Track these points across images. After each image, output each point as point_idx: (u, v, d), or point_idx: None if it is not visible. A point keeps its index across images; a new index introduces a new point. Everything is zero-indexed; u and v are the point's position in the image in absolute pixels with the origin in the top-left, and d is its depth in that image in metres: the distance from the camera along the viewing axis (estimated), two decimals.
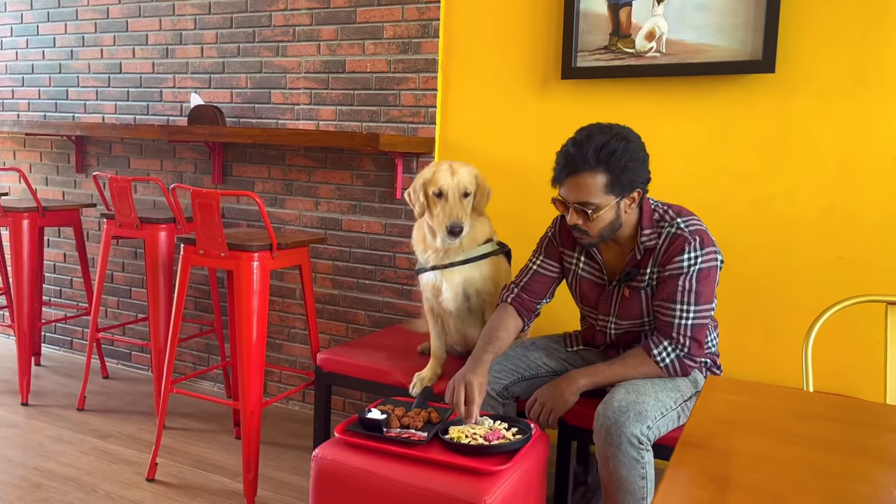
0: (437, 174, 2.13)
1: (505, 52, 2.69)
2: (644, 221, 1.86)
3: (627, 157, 1.75)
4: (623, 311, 1.95)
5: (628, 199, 1.82)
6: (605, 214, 1.80)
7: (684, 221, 1.83)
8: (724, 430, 0.95)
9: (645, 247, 1.86)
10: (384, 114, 2.93)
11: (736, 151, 2.36)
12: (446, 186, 2.11)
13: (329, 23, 3.01)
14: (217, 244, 2.35)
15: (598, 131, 1.78)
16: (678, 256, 1.80)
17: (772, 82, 2.28)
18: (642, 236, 1.86)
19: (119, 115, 3.61)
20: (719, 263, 1.85)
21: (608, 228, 1.84)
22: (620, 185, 1.77)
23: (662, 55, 2.41)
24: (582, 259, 2.02)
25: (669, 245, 1.82)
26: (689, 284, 1.79)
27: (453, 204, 2.10)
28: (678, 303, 1.81)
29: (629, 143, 1.77)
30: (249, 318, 2.33)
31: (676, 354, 1.83)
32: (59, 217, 3.35)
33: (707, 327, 1.85)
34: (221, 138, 2.90)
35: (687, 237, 1.80)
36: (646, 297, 1.89)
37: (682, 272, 1.80)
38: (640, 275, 1.89)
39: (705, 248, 1.80)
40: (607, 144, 1.74)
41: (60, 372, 3.67)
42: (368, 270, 3.03)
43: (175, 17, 3.38)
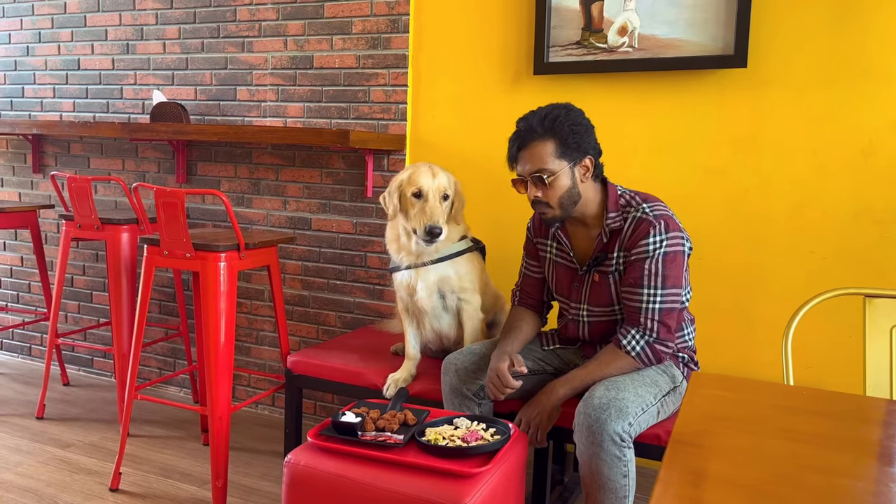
0: (415, 175, 2.09)
1: (476, 48, 2.65)
2: (609, 205, 1.88)
3: (570, 121, 1.82)
4: (594, 297, 1.94)
5: (581, 168, 1.86)
6: (560, 181, 1.83)
7: (650, 206, 1.84)
8: (713, 427, 0.93)
9: (610, 229, 1.88)
10: (353, 110, 2.87)
11: (709, 146, 2.36)
12: (426, 187, 2.07)
13: (296, 18, 2.94)
14: (182, 244, 2.27)
15: (541, 107, 1.89)
16: (643, 240, 1.80)
17: (744, 77, 2.28)
18: (608, 219, 1.88)
19: (78, 113, 3.50)
20: (687, 249, 1.85)
21: (567, 197, 1.86)
22: (569, 149, 1.82)
23: (635, 50, 2.40)
24: (554, 246, 2.03)
25: (635, 229, 1.83)
26: (655, 268, 1.80)
27: (433, 205, 2.06)
28: (644, 287, 1.81)
29: (570, 111, 1.85)
30: (217, 321, 2.26)
31: (646, 340, 1.82)
32: (15, 219, 3.22)
33: (676, 312, 1.84)
34: (186, 136, 2.82)
35: (652, 221, 1.81)
36: (614, 282, 1.90)
37: (647, 256, 1.80)
38: (607, 259, 1.89)
39: (670, 231, 1.80)
40: (550, 113, 1.84)
41: (18, 380, 3.54)
42: (339, 270, 2.97)
43: (136, 11, 3.28)
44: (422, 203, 2.06)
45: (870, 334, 1.47)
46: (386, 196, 2.14)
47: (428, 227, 2.03)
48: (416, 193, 2.07)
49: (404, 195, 2.08)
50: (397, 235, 2.18)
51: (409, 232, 2.13)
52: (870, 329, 1.47)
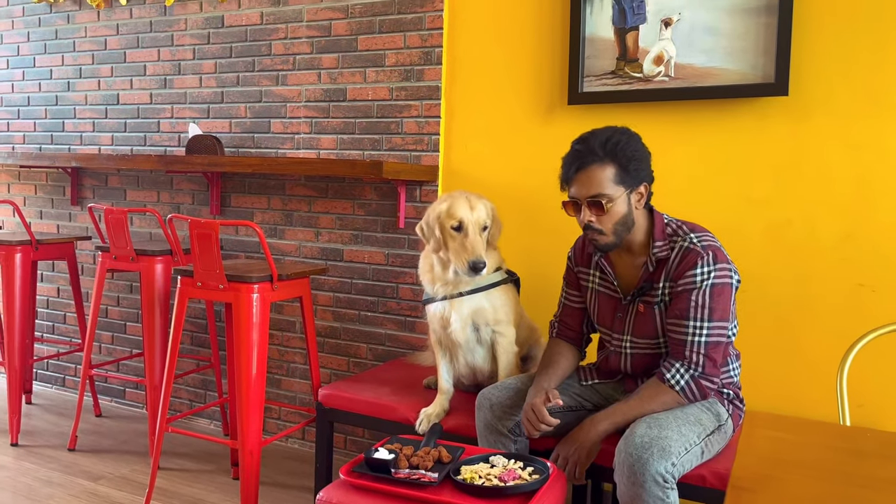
0: (454, 207, 2.05)
1: (510, 78, 2.64)
2: (656, 233, 1.84)
3: (632, 148, 1.79)
4: (638, 329, 1.89)
5: (636, 194, 1.83)
6: (617, 207, 1.79)
7: (697, 237, 1.79)
8: (775, 472, 0.87)
9: (657, 258, 1.83)
10: (386, 142, 2.87)
11: (750, 176, 2.30)
12: (466, 220, 2.04)
13: (330, 51, 2.96)
14: (216, 276, 2.27)
15: (600, 129, 1.84)
16: (690, 271, 1.75)
17: (785, 105, 2.22)
18: (654, 247, 1.83)
19: (116, 147, 3.56)
20: (735, 282, 1.80)
21: (622, 224, 1.81)
22: (629, 175, 1.78)
23: (671, 79, 2.36)
24: (597, 275, 1.98)
25: (682, 259, 1.78)
26: (702, 300, 1.74)
27: (474, 239, 2.03)
28: (690, 319, 1.75)
29: (631, 137, 1.82)
30: (249, 353, 2.24)
31: (691, 375, 1.76)
32: (53, 250, 3.26)
33: (723, 346, 1.78)
34: (220, 168, 2.84)
35: (700, 251, 1.76)
36: (659, 313, 1.84)
37: (694, 287, 1.75)
38: (653, 289, 1.84)
39: (718, 263, 1.75)
40: (612, 137, 1.79)
41: (52, 410, 3.55)
42: (370, 302, 2.95)
43: (174, 47, 3.34)
44: (462, 237, 2.03)
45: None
46: (424, 227, 2.11)
47: (471, 262, 2.00)
48: (455, 227, 2.04)
49: (444, 228, 2.05)
50: (431, 266, 2.14)
51: (445, 263, 2.09)
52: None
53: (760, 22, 2.22)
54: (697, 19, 2.31)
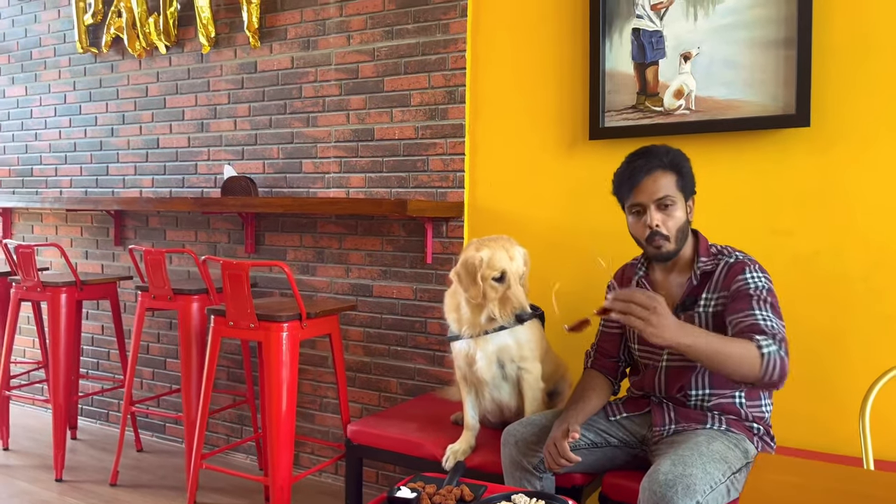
0: (494, 259, 2.06)
1: (532, 115, 2.68)
2: (701, 250, 1.94)
3: (686, 160, 1.93)
4: None
5: (691, 203, 1.94)
6: (679, 212, 1.89)
7: (742, 254, 1.91)
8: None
9: (702, 271, 1.91)
10: (413, 179, 2.93)
11: (774, 208, 2.28)
12: (508, 272, 2.06)
13: (357, 93, 3.05)
14: (247, 315, 2.34)
15: (655, 145, 1.95)
16: (740, 276, 1.84)
17: (807, 136, 2.21)
18: (699, 261, 1.92)
19: (156, 189, 3.69)
20: None
21: (682, 231, 1.90)
22: (687, 184, 1.91)
23: (692, 112, 2.37)
24: None
25: (728, 270, 1.87)
26: (761, 294, 1.79)
27: (516, 290, 2.06)
28: (756, 309, 1.76)
29: (681, 152, 1.94)
30: (279, 390, 2.29)
31: (777, 349, 1.67)
32: (97, 290, 3.39)
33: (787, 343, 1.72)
34: (252, 209, 2.93)
35: (746, 262, 1.87)
36: (698, 321, 1.87)
37: (749, 284, 1.82)
38: (696, 303, 1.89)
39: (765, 272, 1.85)
40: (670, 150, 1.92)
41: (96, 445, 3.66)
42: (400, 337, 2.99)
43: (210, 92, 3.47)
44: (504, 288, 2.05)
45: None
46: (461, 274, 2.10)
47: (517, 315, 2.03)
48: (497, 278, 2.06)
49: (484, 278, 2.06)
50: (457, 305, 2.17)
51: (476, 307, 2.11)
52: None
53: (780, 54, 2.22)
54: (717, 53, 2.33)
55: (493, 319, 2.08)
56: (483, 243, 2.11)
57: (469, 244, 2.15)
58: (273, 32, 3.26)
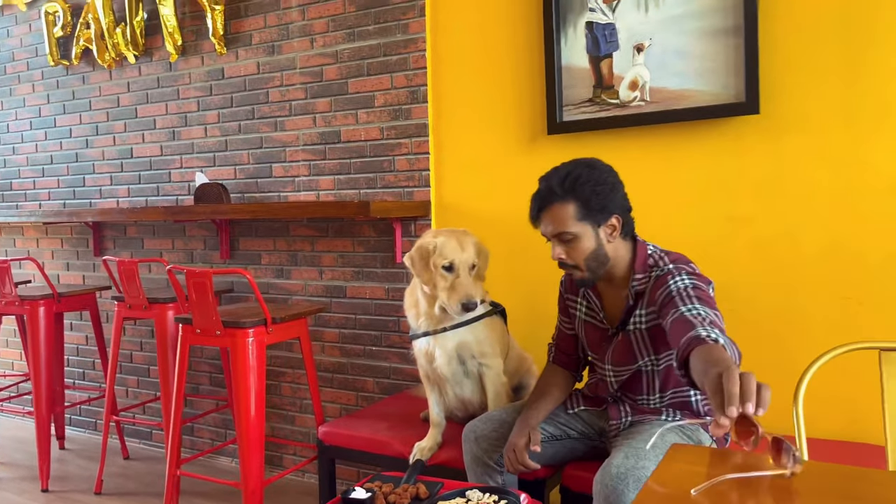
0: (444, 247, 2.08)
1: (493, 111, 2.69)
2: (637, 265, 1.82)
3: (593, 182, 1.75)
4: (616, 357, 1.90)
5: (607, 227, 1.79)
6: (584, 243, 1.78)
7: (674, 265, 1.76)
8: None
9: (636, 291, 1.82)
10: (380, 180, 2.95)
11: (730, 195, 2.30)
12: (457, 262, 2.07)
13: (322, 95, 3.06)
14: (212, 322, 2.36)
15: (564, 164, 1.83)
16: (662, 287, 1.72)
17: (759, 123, 2.23)
18: (633, 280, 1.82)
19: (132, 199, 3.72)
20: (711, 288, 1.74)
21: (593, 259, 1.79)
22: (592, 210, 1.76)
23: (647, 103, 2.39)
24: (584, 304, 1.99)
25: (655, 284, 1.76)
26: (685, 294, 1.65)
27: (465, 280, 2.07)
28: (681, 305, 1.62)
29: (594, 170, 1.78)
30: (247, 396, 2.32)
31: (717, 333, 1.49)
32: (76, 302, 3.42)
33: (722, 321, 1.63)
34: (222, 215, 2.95)
35: (671, 270, 1.74)
36: (635, 339, 1.85)
37: (671, 289, 1.69)
38: (634, 318, 1.85)
39: (693, 276, 1.72)
40: (571, 172, 1.77)
41: (84, 455, 3.69)
42: (374, 336, 3.01)
43: (180, 100, 3.49)
44: (453, 277, 2.07)
45: (888, 391, 1.38)
46: (414, 259, 2.12)
47: (464, 303, 2.04)
48: (446, 266, 2.08)
49: (435, 267, 2.09)
50: (416, 301, 2.20)
51: (431, 298, 2.14)
52: (888, 385, 1.38)
53: (729, 43, 2.24)
54: (668, 43, 2.34)
55: (446, 311, 2.10)
56: (439, 232, 2.14)
57: (426, 232, 2.18)
58: (238, 38, 3.27)
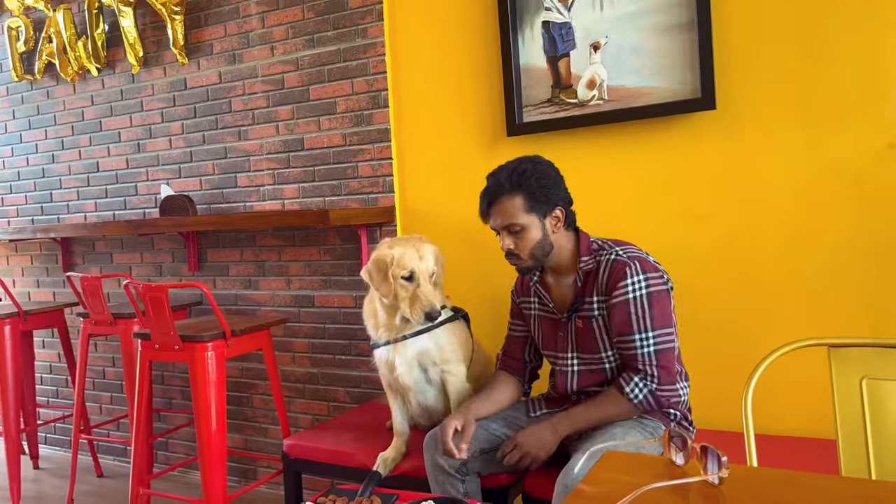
0: (403, 258, 2.05)
1: (454, 115, 2.66)
2: (582, 249, 1.91)
3: (538, 175, 1.86)
4: (581, 344, 1.93)
5: (552, 219, 1.89)
6: (531, 234, 1.87)
7: (622, 249, 1.87)
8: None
9: (584, 271, 1.89)
10: (344, 187, 2.92)
11: (690, 192, 2.28)
12: (417, 271, 2.04)
13: (285, 103, 3.03)
14: (170, 337, 2.33)
15: (509, 161, 1.93)
16: (621, 282, 1.81)
17: (715, 119, 2.21)
18: (581, 262, 1.90)
19: (100, 213, 3.67)
20: (668, 286, 1.85)
21: (539, 248, 1.89)
22: (538, 202, 1.85)
23: (605, 102, 2.36)
24: (536, 301, 2.04)
25: (610, 272, 1.84)
26: (641, 310, 1.80)
27: (426, 289, 2.04)
28: (634, 332, 1.80)
29: (538, 165, 1.89)
30: (207, 410, 2.28)
31: (649, 389, 1.81)
32: (43, 319, 3.37)
33: (672, 352, 1.83)
34: (184, 228, 2.92)
35: (626, 261, 1.82)
36: (597, 327, 1.88)
37: (628, 298, 1.80)
38: (585, 304, 1.89)
39: (647, 272, 1.81)
40: (517, 167, 1.88)
41: (58, 474, 3.64)
42: (344, 346, 2.98)
43: (143, 112, 3.45)
44: (414, 287, 2.04)
45: (838, 388, 1.36)
46: (372, 272, 2.09)
47: (427, 313, 2.02)
48: (406, 277, 2.05)
49: (394, 277, 2.05)
50: (374, 311, 2.16)
51: (390, 309, 2.10)
52: (838, 383, 1.36)
53: (684, 38, 2.22)
54: (624, 41, 2.31)
55: (407, 321, 2.07)
56: (395, 242, 2.11)
57: (381, 243, 2.15)
58: (199, 48, 3.24)
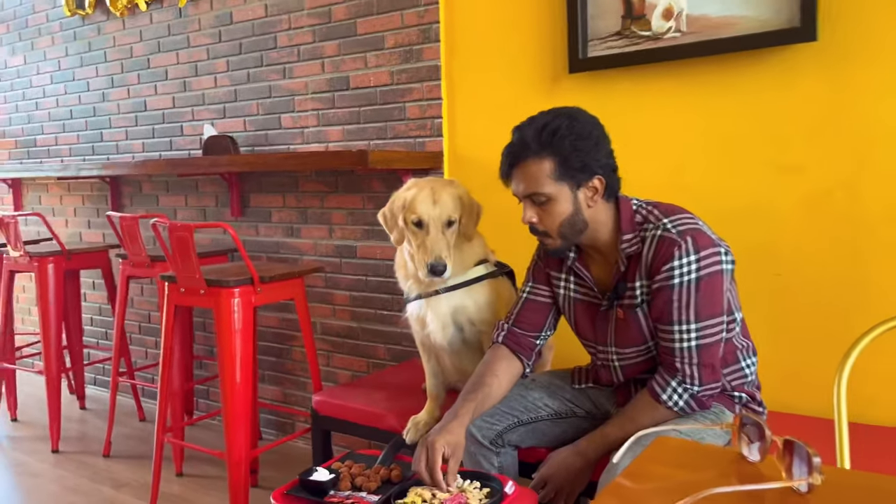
0: (416, 201, 1.82)
1: (510, 49, 2.40)
2: (623, 225, 1.56)
3: (574, 135, 1.50)
4: (621, 338, 1.62)
5: (587, 190, 1.54)
6: (559, 207, 1.53)
7: (672, 221, 1.50)
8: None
9: (626, 254, 1.55)
10: (390, 129, 2.70)
11: (780, 140, 1.96)
12: (427, 217, 1.80)
13: (331, 38, 2.82)
14: (195, 281, 2.18)
15: (542, 114, 1.57)
16: (667, 265, 1.47)
17: (816, 53, 1.87)
18: (622, 242, 1.56)
19: (147, 154, 3.58)
20: (726, 266, 1.49)
21: (568, 225, 1.55)
22: (571, 169, 1.51)
23: (683, 34, 2.05)
24: (571, 280, 1.71)
25: (656, 252, 1.50)
26: (686, 297, 1.47)
27: (435, 239, 1.80)
28: (675, 323, 1.49)
29: (576, 121, 1.52)
30: (232, 361, 2.14)
31: (690, 393, 1.51)
32: (86, 259, 3.31)
33: (719, 346, 1.51)
34: (220, 168, 2.77)
35: (676, 239, 1.47)
36: (644, 316, 1.56)
37: (673, 283, 1.47)
38: (629, 290, 1.56)
39: (701, 250, 1.46)
40: (549, 123, 1.53)
41: (102, 416, 3.62)
42: (385, 300, 2.79)
43: (190, 49, 3.31)
44: (423, 234, 1.82)
45: None
46: (387, 215, 1.90)
47: (430, 265, 1.78)
48: (416, 222, 1.83)
49: (406, 222, 1.85)
50: (404, 261, 1.96)
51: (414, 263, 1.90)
52: None
53: None
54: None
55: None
56: (415, 184, 1.88)
57: (407, 183, 1.92)
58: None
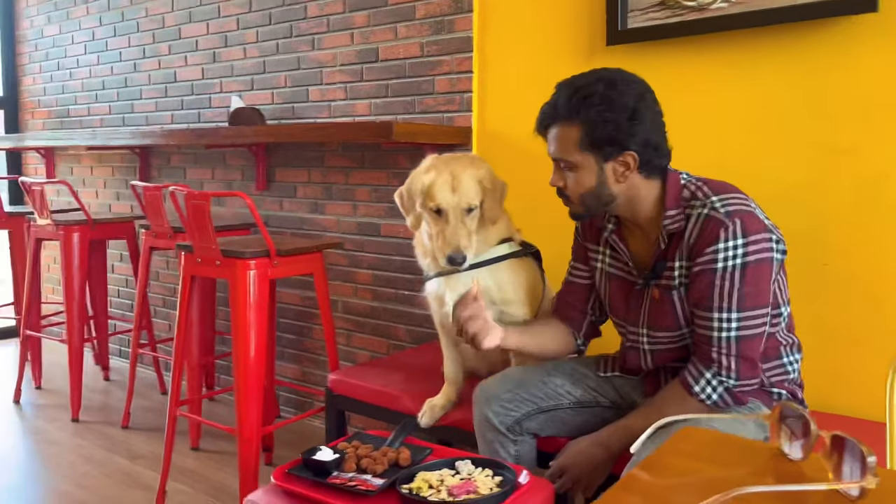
0: (434, 188, 1.71)
1: (545, 19, 2.28)
2: (668, 200, 1.44)
3: (605, 105, 1.37)
4: (654, 319, 1.51)
5: (618, 164, 1.42)
6: (582, 177, 1.45)
7: (721, 200, 1.38)
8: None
9: (668, 231, 1.44)
10: (419, 104, 2.61)
11: (833, 119, 1.82)
12: (445, 205, 1.70)
13: (361, 8, 2.73)
14: (211, 251, 2.12)
15: (583, 74, 1.45)
16: (711, 247, 1.36)
17: (876, 25, 1.72)
18: (665, 218, 1.44)
19: (175, 125, 3.54)
20: (777, 255, 1.38)
21: (592, 197, 1.46)
22: (597, 140, 1.40)
23: (731, 4, 1.92)
24: (607, 253, 1.62)
25: (701, 231, 1.38)
26: (730, 283, 1.35)
27: (454, 228, 1.70)
28: (714, 310, 1.37)
29: (613, 89, 1.38)
30: (245, 334, 2.08)
31: (725, 387, 1.39)
32: (111, 230, 3.29)
33: (760, 339, 1.39)
34: (244, 139, 2.73)
35: (723, 220, 1.35)
36: (679, 300, 1.45)
37: (716, 267, 1.36)
38: (667, 269, 1.45)
39: (750, 234, 1.34)
40: (582, 88, 1.41)
41: (125, 387, 3.60)
42: (408, 281, 2.71)
43: (221, 19, 3.25)
44: (442, 223, 1.72)
45: None
46: (404, 196, 1.81)
47: (449, 256, 1.69)
48: (435, 210, 1.74)
49: (424, 207, 1.75)
50: (423, 239, 1.86)
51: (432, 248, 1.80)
52: None
53: None
54: None
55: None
56: (434, 164, 1.75)
57: (426, 160, 1.81)
58: None
